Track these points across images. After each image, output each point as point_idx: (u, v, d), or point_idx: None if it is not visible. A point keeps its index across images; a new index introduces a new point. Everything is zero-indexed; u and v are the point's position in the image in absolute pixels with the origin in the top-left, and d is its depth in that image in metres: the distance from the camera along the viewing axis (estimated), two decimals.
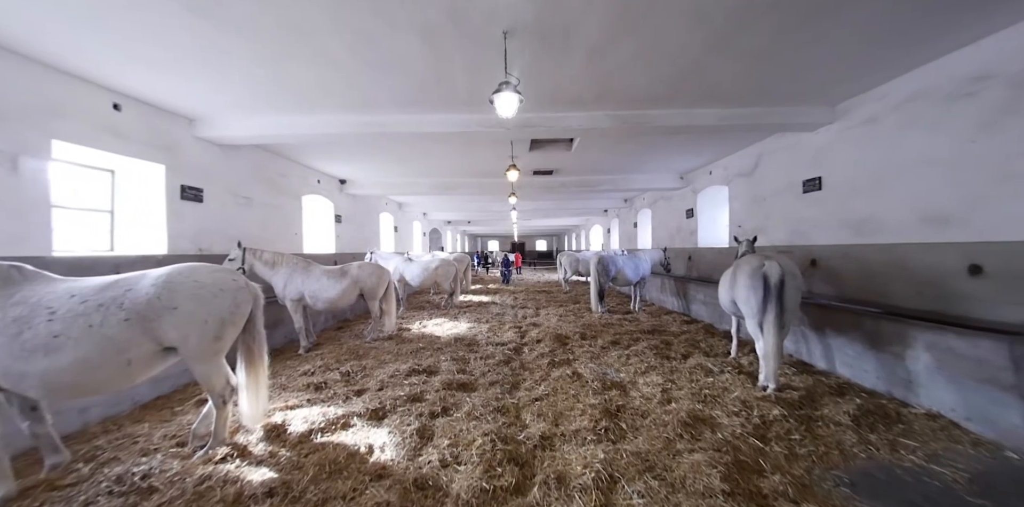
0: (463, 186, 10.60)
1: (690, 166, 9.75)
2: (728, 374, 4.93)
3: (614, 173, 10.23)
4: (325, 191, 10.03)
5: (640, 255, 9.96)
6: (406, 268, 10.01)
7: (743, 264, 4.65)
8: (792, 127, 6.12)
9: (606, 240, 19.67)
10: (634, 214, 14.96)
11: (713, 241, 10.03)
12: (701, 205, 10.15)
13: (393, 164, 9.09)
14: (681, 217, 11.01)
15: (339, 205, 10.66)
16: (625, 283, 9.65)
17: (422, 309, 10.53)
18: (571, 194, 13.28)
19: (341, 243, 10.69)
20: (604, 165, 9.28)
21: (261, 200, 7.65)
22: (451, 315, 9.24)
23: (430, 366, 5.10)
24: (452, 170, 9.64)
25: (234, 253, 6.26)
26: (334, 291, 6.48)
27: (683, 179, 10.66)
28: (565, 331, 7.16)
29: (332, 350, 6.22)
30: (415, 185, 10.73)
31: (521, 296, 12.79)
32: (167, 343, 2.88)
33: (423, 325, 8.07)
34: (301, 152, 7.97)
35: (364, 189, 10.89)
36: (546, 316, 9.02)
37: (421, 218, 19.06)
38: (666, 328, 7.65)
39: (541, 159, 8.41)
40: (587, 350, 6.01)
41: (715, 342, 6.61)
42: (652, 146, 7.92)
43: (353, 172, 9.96)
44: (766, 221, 7.50)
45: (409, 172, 9.88)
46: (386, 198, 13.91)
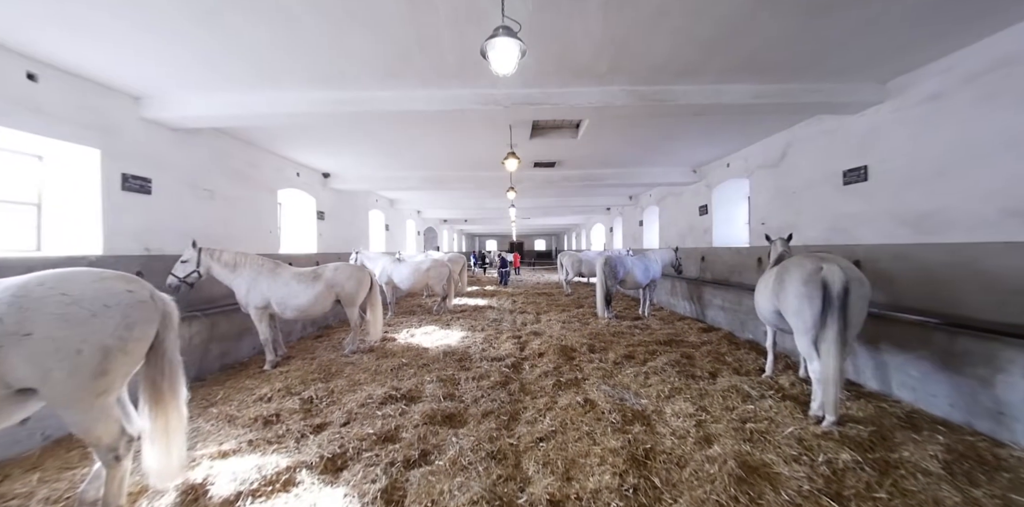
0: (457, 180, 9.74)
1: (705, 158, 8.91)
2: (770, 400, 4.09)
3: (622, 166, 9.39)
4: (306, 185, 9.16)
5: (650, 255, 9.13)
6: (395, 269, 9.15)
7: (793, 268, 3.81)
8: (834, 108, 5.29)
9: (608, 239, 18.84)
10: (639, 212, 14.12)
11: (729, 240, 9.21)
12: (716, 201, 9.32)
13: (379, 155, 8.22)
14: (693, 214, 10.18)
15: (322, 201, 9.79)
16: (634, 286, 8.82)
17: (412, 314, 9.67)
18: (574, 190, 12.45)
19: (324, 242, 9.81)
20: (612, 156, 8.44)
21: (227, 194, 6.78)
22: (443, 321, 8.39)
23: (411, 390, 4.24)
24: (445, 162, 8.78)
25: (188, 253, 5.39)
26: (304, 297, 5.62)
27: (696, 173, 9.82)
28: (570, 342, 6.32)
29: (301, 366, 5.37)
30: (405, 179, 9.87)
31: (520, 299, 11.95)
32: (19, 384, 2.02)
33: (411, 334, 7.22)
34: (274, 140, 7.09)
35: (350, 183, 10.01)
36: (548, 323, 8.18)
37: (415, 216, 18.19)
38: (683, 338, 6.82)
39: (543, 148, 7.56)
40: (598, 366, 5.17)
41: (742, 355, 5.78)
42: (667, 134, 7.08)
43: (336, 164, 9.08)
44: (796, 217, 6.67)
45: (397, 164, 9.01)
46: (376, 194, 13.04)
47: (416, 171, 9.61)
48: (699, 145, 7.91)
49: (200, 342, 5.50)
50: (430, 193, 12.99)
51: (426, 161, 8.75)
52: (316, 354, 6.06)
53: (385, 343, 6.59)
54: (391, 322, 8.50)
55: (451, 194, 13.41)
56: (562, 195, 14.21)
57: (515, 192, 9.13)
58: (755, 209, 7.87)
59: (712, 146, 7.91)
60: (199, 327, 5.48)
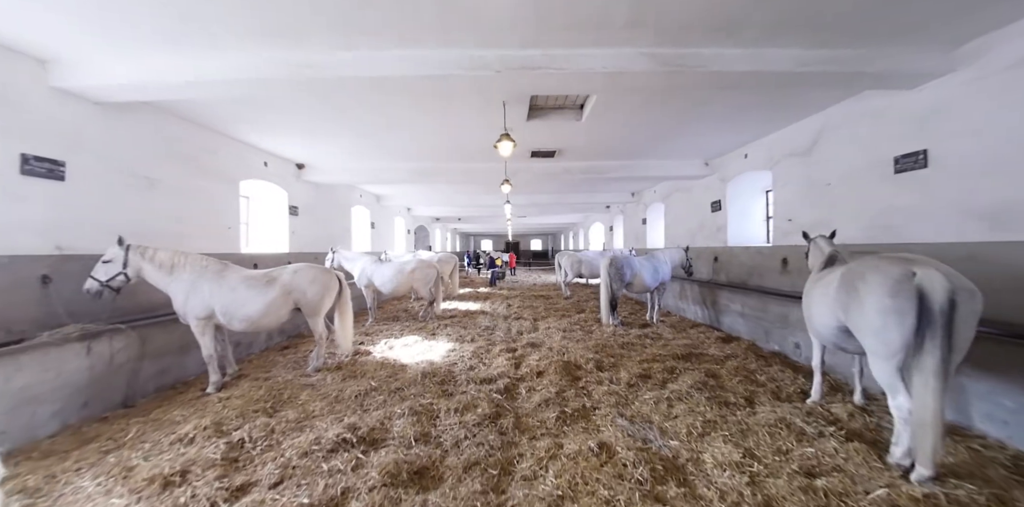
0: (447, 173, 8.81)
1: (720, 148, 8.06)
2: (832, 439, 3.22)
3: (628, 157, 8.51)
4: (276, 177, 8.19)
5: (659, 256, 8.26)
6: (376, 271, 8.21)
7: (871, 273, 2.93)
8: (889, 80, 4.43)
9: (608, 239, 17.99)
10: (643, 209, 13.27)
11: (745, 238, 8.36)
12: (731, 196, 8.47)
13: (357, 141, 7.27)
14: (704, 211, 9.33)
15: (295, 195, 8.82)
16: (642, 289, 7.94)
17: (395, 320, 8.73)
18: (574, 184, 11.56)
19: (298, 241, 8.85)
20: (618, 146, 7.56)
21: (175, 183, 5.82)
22: (429, 330, 7.46)
23: (375, 428, 3.31)
24: (432, 151, 7.85)
25: (112, 252, 4.44)
26: (254, 305, 4.67)
27: (709, 166, 8.97)
28: (574, 356, 5.42)
29: (249, 390, 4.42)
30: (390, 171, 8.92)
31: (516, 303, 11.04)
32: None
33: (389, 346, 6.28)
34: (233, 121, 6.12)
35: (328, 175, 9.05)
36: (547, 331, 7.28)
37: (405, 214, 17.22)
38: (702, 350, 5.94)
39: (542, 133, 6.65)
40: (609, 390, 4.27)
41: (775, 373, 4.91)
42: (681, 118, 6.20)
43: (311, 153, 8.12)
44: (830, 212, 5.83)
45: (379, 153, 8.07)
46: (359, 189, 12.07)
47: (401, 162, 8.67)
48: (715, 132, 7.04)
49: (125, 360, 4.53)
50: (419, 188, 12.04)
51: (411, 150, 7.82)
52: (273, 373, 5.11)
53: (357, 358, 5.66)
54: (370, 330, 7.55)
55: (442, 189, 12.48)
56: (560, 191, 13.32)
57: (510, 185, 8.23)
58: (778, 204, 7.02)
59: (731, 132, 7.04)
60: (124, 342, 4.51)
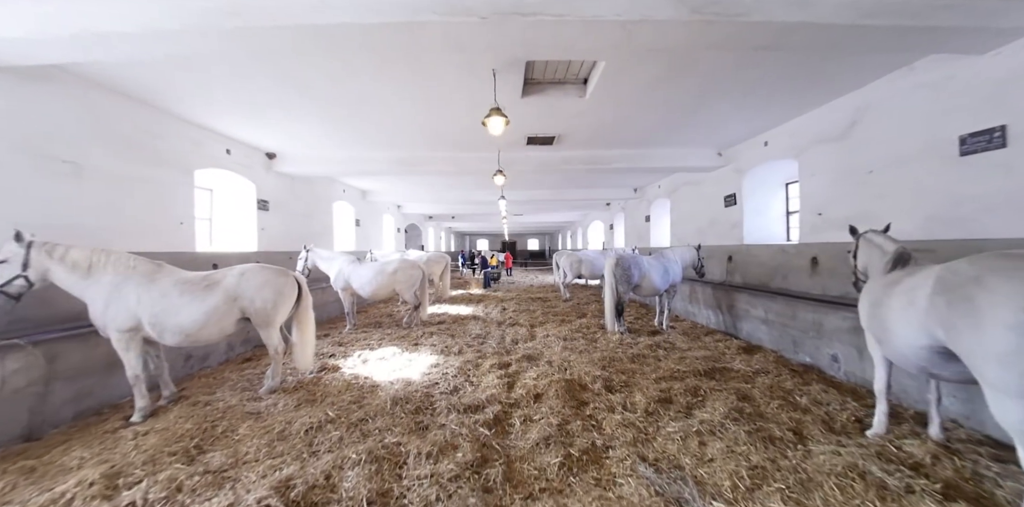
0: (433, 163, 7.96)
1: (736, 135, 7.26)
2: (928, 499, 2.41)
3: (634, 145, 7.70)
4: (241, 166, 7.32)
5: (668, 255, 7.46)
6: (353, 272, 7.36)
7: (993, 277, 2.13)
8: (965, 38, 3.63)
9: (608, 238, 17.19)
10: (646, 206, 12.48)
11: (763, 235, 7.58)
12: (748, 189, 7.68)
13: (330, 126, 6.42)
14: (716, 206, 8.54)
15: (266, 187, 7.96)
16: (651, 292, 7.14)
17: (377, 327, 7.88)
18: (574, 177, 10.74)
19: (269, 238, 7.98)
20: (624, 131, 6.73)
21: (110, 170, 4.95)
22: (412, 339, 6.61)
23: (315, 486, 2.46)
24: (413, 136, 7.00)
25: (7, 250, 3.58)
26: (189, 315, 3.82)
27: (722, 156, 8.18)
28: (578, 372, 4.61)
29: (177, 420, 3.58)
30: (370, 161, 8.06)
31: (511, 306, 10.20)
32: None
33: (363, 359, 5.43)
34: (182, 98, 5.25)
35: (303, 166, 8.18)
36: (545, 340, 6.45)
37: (394, 211, 16.35)
38: (725, 363, 5.15)
39: (539, 114, 5.82)
40: (624, 420, 3.45)
41: (817, 393, 4.12)
42: (699, 94, 5.37)
43: (281, 140, 7.26)
44: (873, 204, 5.04)
45: (356, 140, 7.21)
46: (342, 183, 11.20)
47: (382, 151, 7.81)
48: (732, 117, 6.24)
49: (25, 384, 3.67)
50: (407, 182, 11.18)
51: (391, 137, 6.97)
52: (217, 395, 4.25)
53: (323, 375, 4.81)
54: (345, 339, 6.70)
55: (431, 184, 11.63)
56: (559, 186, 12.51)
57: (504, 177, 7.40)
58: (805, 197, 6.22)
59: (750, 117, 6.24)
60: (22, 362, 3.64)
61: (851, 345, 4.80)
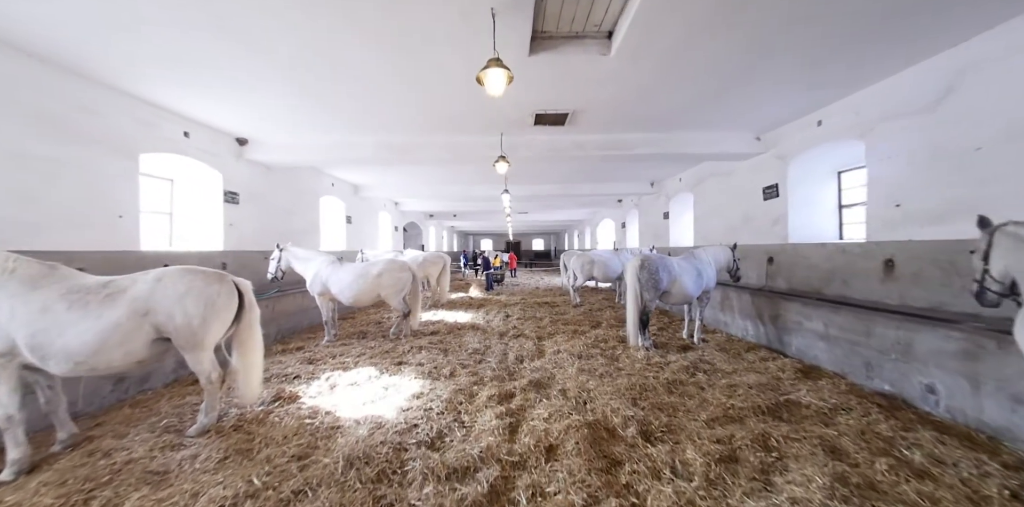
0: (426, 148, 6.92)
1: (781, 115, 6.15)
2: None
3: (661, 126, 6.60)
4: (204, 153, 6.33)
5: (701, 256, 6.35)
6: (332, 275, 6.33)
7: None
8: None
9: (621, 237, 16.06)
10: (664, 202, 11.36)
11: (812, 234, 6.46)
12: (794, 179, 6.57)
13: (303, 103, 5.41)
14: (752, 199, 7.43)
15: (235, 177, 6.97)
16: (682, 300, 6.04)
17: (361, 337, 6.85)
18: (586, 168, 9.64)
19: (238, 235, 6.99)
20: (651, 105, 5.64)
21: (22, 151, 3.97)
22: (396, 355, 5.56)
23: None
24: (401, 114, 5.96)
25: None
26: (78, 336, 2.81)
27: (761, 141, 7.07)
28: (602, 409, 3.54)
29: (45, 486, 2.55)
30: (355, 147, 7.03)
31: (516, 312, 9.13)
32: None
33: (331, 383, 4.39)
34: (119, 67, 4.26)
35: (278, 153, 7.19)
36: (556, 357, 5.39)
37: (392, 209, 15.36)
38: (786, 392, 4.05)
39: (551, 79, 4.74)
40: (677, 495, 2.38)
41: (929, 442, 3.01)
42: (740, 65, 4.31)
43: (252, 123, 6.26)
44: (976, 192, 3.94)
45: (337, 122, 6.19)
46: (330, 176, 10.20)
47: (367, 134, 6.78)
48: (780, 90, 5.16)
49: None
50: (399, 173, 10.16)
51: (378, 116, 5.93)
52: (129, 438, 3.23)
53: (275, 409, 3.77)
54: (318, 355, 5.66)
55: (427, 175, 10.60)
56: (568, 179, 11.43)
57: (507, 164, 6.35)
58: (876, 185, 5.10)
59: (807, 83, 5.12)
60: None
61: (959, 374, 3.67)
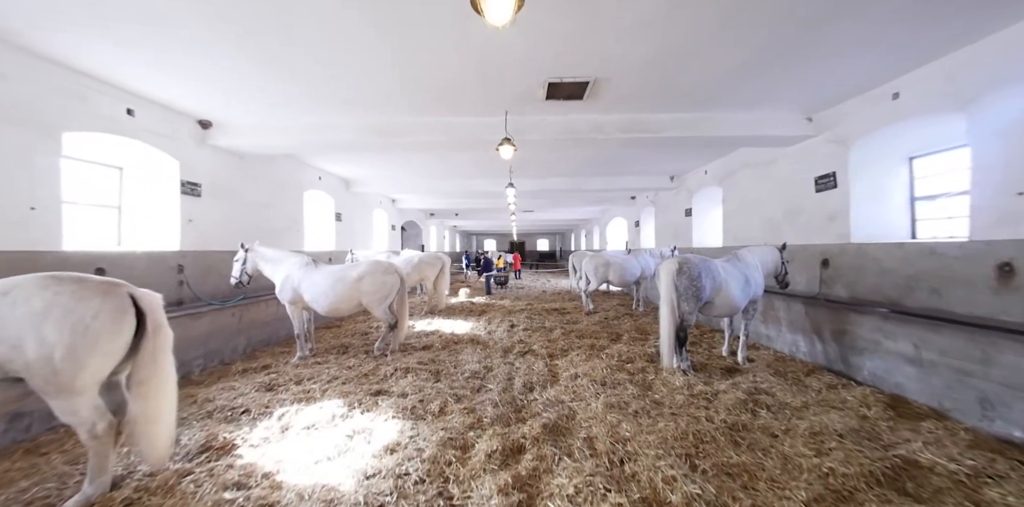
0: (417, 130, 5.87)
1: (847, 86, 5.07)
2: None
3: (696, 103, 5.51)
4: (155, 135, 5.35)
5: (747, 258, 5.29)
6: (305, 279, 5.32)
7: None
8: None
9: (633, 237, 14.97)
10: (686, 197, 10.27)
11: (881, 231, 5.37)
12: (856, 165, 5.48)
13: (269, 72, 4.39)
14: (799, 191, 6.35)
15: (197, 166, 5.99)
16: (728, 312, 4.99)
17: (342, 353, 5.84)
18: (603, 157, 8.55)
19: (200, 234, 6.00)
20: (690, 70, 4.55)
21: None
22: (376, 379, 4.53)
23: None
24: (386, 86, 4.93)
25: None
26: None
27: (813, 122, 5.99)
28: (642, 467, 2.53)
29: None
30: (335, 129, 6.00)
31: (521, 320, 8.10)
32: None
33: (284, 425, 3.36)
34: (27, 22, 3.27)
35: (250, 139, 6.19)
36: (574, 384, 4.34)
37: (388, 206, 14.36)
38: (888, 441, 2.99)
39: (570, 32, 3.68)
40: None
41: None
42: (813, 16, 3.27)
43: (214, 102, 5.27)
44: None
45: (312, 98, 5.17)
46: (316, 168, 9.22)
47: (350, 114, 5.75)
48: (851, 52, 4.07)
49: None
50: (390, 162, 9.13)
51: (359, 90, 4.90)
52: None
53: (198, 467, 2.75)
54: (280, 379, 4.64)
55: (422, 165, 9.58)
56: (579, 172, 10.38)
57: (513, 147, 5.32)
58: (984, 171, 4.01)
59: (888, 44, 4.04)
60: None
61: None
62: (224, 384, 4.55)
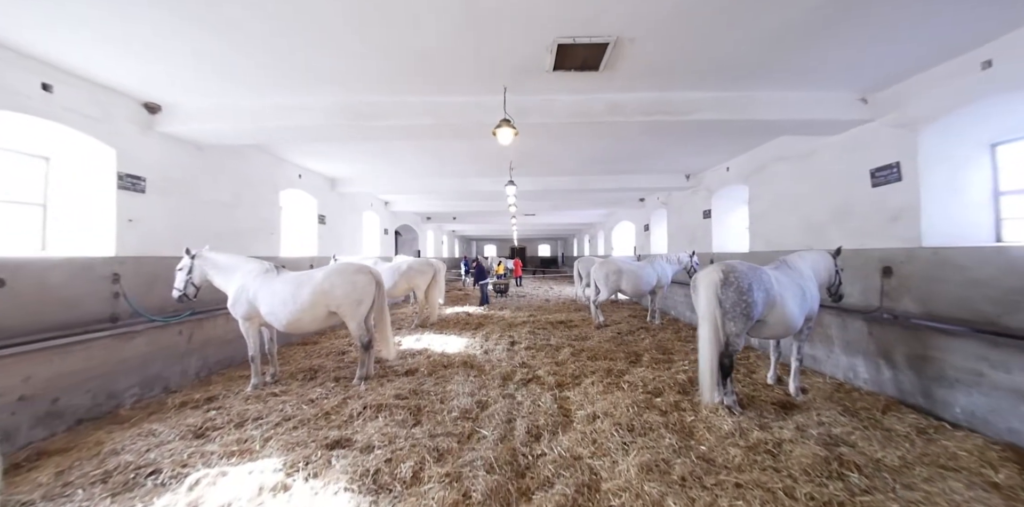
0: (399, 112, 4.94)
1: (917, 58, 4.16)
2: None
3: (732, 81, 4.61)
4: (85, 120, 4.44)
5: (798, 266, 4.34)
6: (262, 289, 4.38)
7: None
8: None
9: (642, 242, 14.01)
10: (704, 197, 9.33)
11: (959, 232, 4.42)
12: (928, 155, 4.55)
13: (220, 37, 3.50)
14: (851, 187, 5.42)
15: (140, 156, 5.07)
16: (782, 332, 4.02)
17: (310, 379, 4.87)
18: (615, 150, 7.63)
19: (142, 236, 5.07)
20: (734, 33, 3.66)
21: None
22: (335, 423, 3.56)
23: None
24: (358, 57, 4.02)
25: None
26: None
27: (869, 104, 5.07)
28: None
29: None
30: (301, 112, 5.05)
31: (523, 336, 7.13)
32: None
33: (193, 497, 2.41)
34: None
35: (204, 124, 5.27)
36: (592, 427, 3.38)
37: (380, 209, 13.44)
38: None
39: None
40: None
41: None
42: None
43: (157, 79, 4.37)
44: None
45: (266, 68, 4.27)
46: (296, 165, 8.32)
47: (318, 92, 4.81)
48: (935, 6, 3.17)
49: None
50: (373, 154, 8.20)
51: (325, 60, 3.99)
52: None
53: None
54: (220, 418, 3.68)
55: (410, 160, 8.68)
56: (586, 170, 9.47)
57: (514, 130, 4.41)
58: None
59: None
60: None
61: None
62: (152, 424, 3.59)
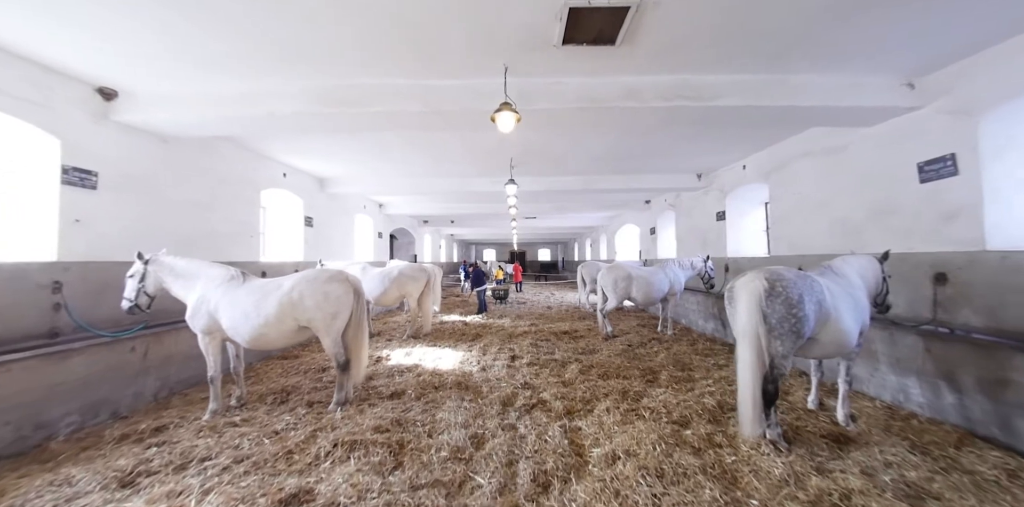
0: (383, 97, 4.33)
1: (982, 30, 3.59)
2: None
3: (763, 63, 4.02)
4: (22, 105, 3.84)
5: (847, 273, 3.73)
6: (224, 299, 3.75)
7: None
8: None
9: (648, 246, 13.40)
10: (718, 197, 8.73)
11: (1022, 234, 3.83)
12: (989, 145, 3.96)
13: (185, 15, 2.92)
14: (893, 182, 4.83)
15: (90, 148, 4.47)
16: (835, 352, 3.40)
17: (281, 402, 4.23)
18: (627, 145, 7.03)
19: (91, 240, 4.45)
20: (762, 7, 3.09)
21: None
22: (296, 467, 2.92)
23: None
24: (334, 27, 3.43)
25: None
26: None
27: (915, 89, 4.48)
28: None
29: None
30: (274, 99, 4.43)
31: (525, 349, 6.49)
32: None
33: None
34: None
35: (169, 111, 4.68)
36: (611, 473, 2.74)
37: (374, 211, 12.85)
38: None
39: None
40: None
41: None
42: None
43: (115, 55, 3.78)
44: None
45: (230, 41, 3.68)
46: (281, 163, 7.73)
47: (291, 75, 4.22)
48: None
49: None
50: (360, 149, 7.60)
51: (297, 36, 3.41)
52: None
53: None
54: (161, 457, 3.05)
55: (404, 154, 8.08)
56: (593, 168, 8.88)
57: (516, 115, 3.82)
58: None
59: None
60: None
61: None
62: (74, 466, 2.95)
